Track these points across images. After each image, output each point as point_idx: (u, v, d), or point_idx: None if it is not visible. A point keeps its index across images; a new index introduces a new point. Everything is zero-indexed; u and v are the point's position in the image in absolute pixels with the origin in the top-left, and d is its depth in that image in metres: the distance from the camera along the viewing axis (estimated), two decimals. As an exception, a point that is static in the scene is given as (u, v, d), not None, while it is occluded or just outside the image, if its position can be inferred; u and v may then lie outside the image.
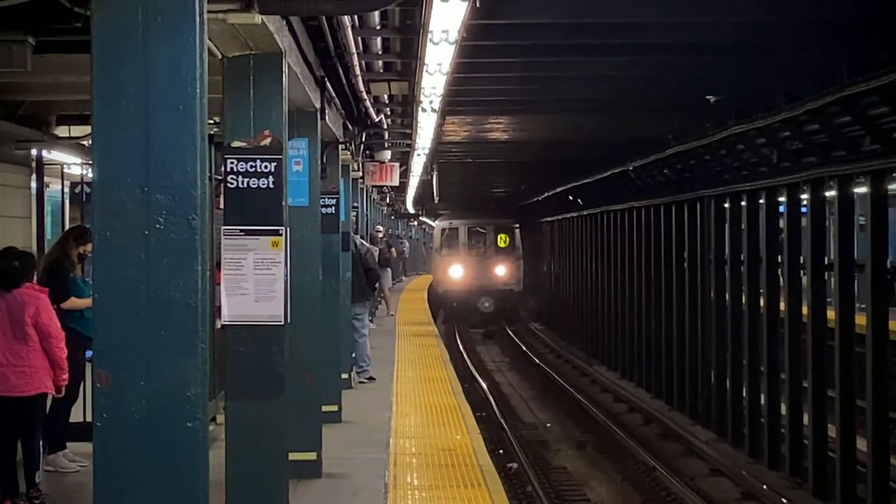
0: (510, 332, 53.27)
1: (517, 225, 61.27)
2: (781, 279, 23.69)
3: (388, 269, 36.80)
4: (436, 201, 54.01)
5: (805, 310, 22.12)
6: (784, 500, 20.65)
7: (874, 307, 19.26)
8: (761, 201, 24.53)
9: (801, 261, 22.73)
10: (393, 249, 48.26)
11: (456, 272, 58.29)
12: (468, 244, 59.81)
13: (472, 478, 13.34)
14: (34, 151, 14.45)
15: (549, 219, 57.59)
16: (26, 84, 11.37)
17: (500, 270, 58.59)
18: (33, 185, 14.80)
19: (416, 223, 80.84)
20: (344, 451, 14.17)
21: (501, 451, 24.80)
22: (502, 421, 28.91)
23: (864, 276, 19.97)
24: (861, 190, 20.75)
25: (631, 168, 32.14)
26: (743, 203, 25.61)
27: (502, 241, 60.11)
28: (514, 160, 36.51)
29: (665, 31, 15.82)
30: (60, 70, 9.79)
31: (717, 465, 24.29)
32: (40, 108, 13.52)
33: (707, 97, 21.17)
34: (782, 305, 23.57)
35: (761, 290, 24.55)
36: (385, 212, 55.44)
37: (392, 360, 24.46)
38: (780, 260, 23.84)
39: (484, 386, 32.99)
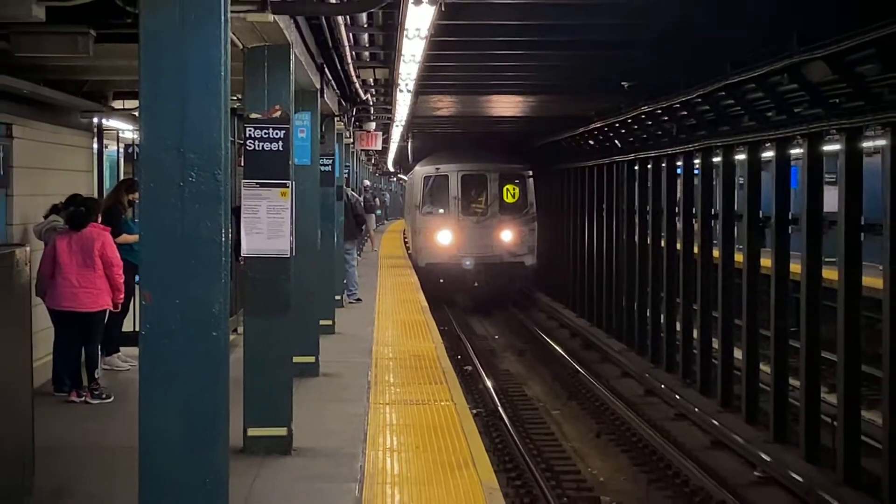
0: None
1: (530, 173, 35.32)
2: (678, 225, 23.82)
3: (373, 215, 36.65)
4: (410, 162, 43.99)
5: (696, 249, 22.15)
6: (677, 396, 20.84)
7: (749, 246, 19.46)
8: (663, 165, 24.64)
9: (694, 211, 22.91)
10: (377, 199, 48.19)
11: (444, 238, 33.72)
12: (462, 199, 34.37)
13: (436, 376, 13.41)
14: (95, 119, 14.39)
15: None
16: (89, 67, 11.30)
17: (507, 236, 33.83)
18: (94, 146, 14.77)
19: (395, 179, 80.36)
20: (336, 355, 14.23)
21: (459, 357, 24.95)
22: (461, 334, 29.07)
23: (742, 223, 20.12)
24: (740, 157, 20.89)
25: (562, 138, 32.14)
26: (649, 166, 25.71)
27: (509, 194, 34.51)
28: (472, 130, 36.18)
29: (590, 31, 15.79)
30: (115, 56, 9.72)
31: (626, 369, 24.50)
32: (100, 86, 13.45)
33: (622, 83, 21.24)
34: (678, 245, 23.69)
35: (662, 234, 24.67)
36: (371, 170, 54.84)
37: (375, 286, 24.49)
38: (677, 210, 23.99)
39: (445, 307, 33.02)
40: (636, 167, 26.87)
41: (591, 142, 29.96)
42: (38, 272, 10.86)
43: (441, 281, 33.13)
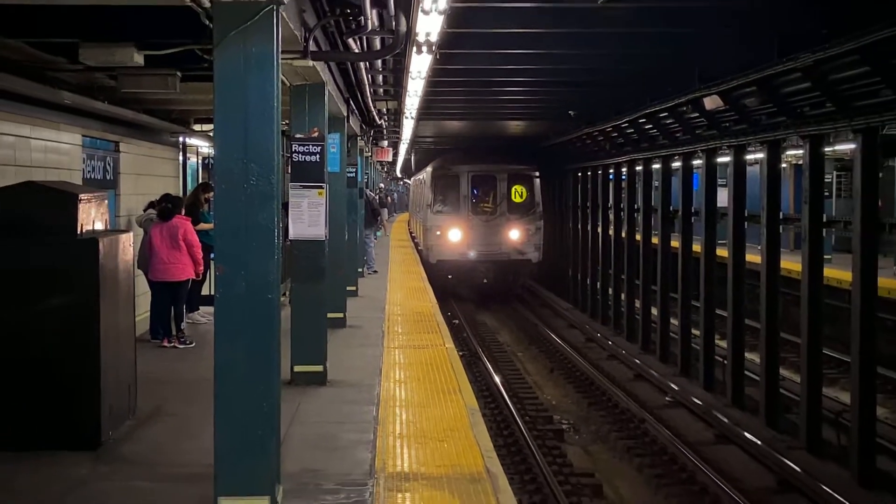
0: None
1: (537, 173, 28.27)
2: (611, 216, 23.75)
3: (385, 209, 36.58)
4: (413, 170, 41.43)
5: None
6: (609, 342, 20.91)
7: (662, 232, 19.44)
8: (599, 173, 24.53)
9: (622, 206, 22.85)
10: (389, 198, 47.96)
11: (455, 236, 27.46)
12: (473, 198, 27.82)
13: (432, 327, 13.43)
14: (180, 138, 14.35)
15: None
16: (176, 99, 11.28)
17: (515, 234, 27.31)
18: (180, 157, 14.73)
19: (401, 183, 79.91)
20: (359, 312, 14.24)
21: (449, 313, 24.92)
22: (450, 298, 29.07)
23: (657, 215, 20.07)
24: (656, 166, 20.85)
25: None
26: (589, 174, 25.65)
27: (517, 194, 27.83)
28: (458, 144, 35.91)
29: (549, 73, 15.79)
30: (196, 91, 9.71)
31: (572, 322, 24.54)
32: (184, 114, 13.41)
33: (569, 112, 21.22)
34: (611, 231, 23.61)
35: (598, 223, 24.62)
36: (383, 176, 54.63)
37: (387, 262, 24.46)
38: (610, 206, 23.89)
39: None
40: (579, 174, 26.88)
41: (547, 155, 29.84)
42: (138, 252, 10.86)
43: (450, 277, 27.57)
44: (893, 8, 9.68)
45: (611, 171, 23.64)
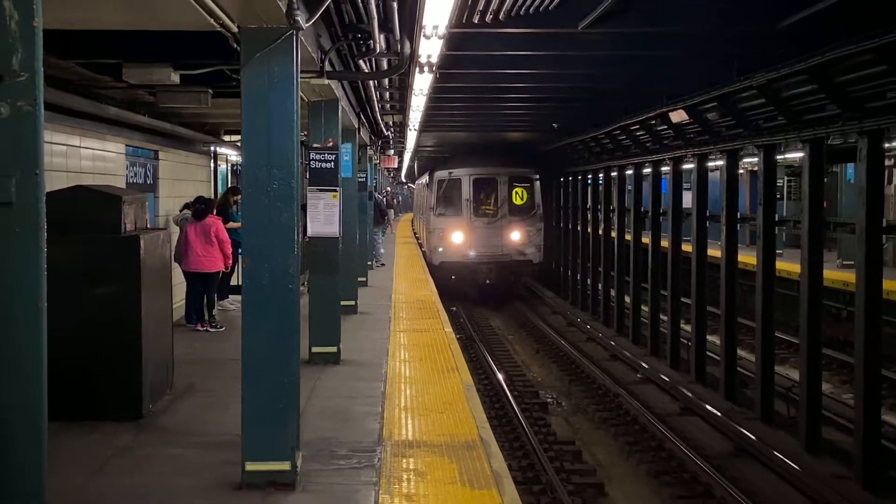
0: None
1: (537, 176, 26.07)
2: (588, 216, 23.67)
3: (391, 209, 36.59)
4: (416, 174, 39.74)
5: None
6: (588, 326, 20.90)
7: (634, 230, 19.43)
8: (579, 178, 24.45)
9: (599, 207, 22.76)
10: (395, 199, 47.95)
11: (457, 238, 24.96)
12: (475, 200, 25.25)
13: (432, 313, 13.46)
14: (212, 148, 14.37)
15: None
16: (208, 113, 11.28)
17: (516, 235, 25.08)
18: (211, 164, 14.74)
19: (406, 186, 79.53)
20: (368, 300, 14.26)
21: (449, 304, 24.87)
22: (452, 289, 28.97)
23: (629, 215, 20.04)
24: (629, 172, 20.78)
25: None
26: (570, 179, 25.54)
27: (518, 196, 25.56)
28: (457, 152, 35.63)
29: (533, 91, 15.74)
30: (225, 106, 9.70)
31: (555, 309, 24.51)
32: (215, 126, 13.42)
33: (553, 124, 21.17)
34: (589, 229, 23.51)
35: (579, 221, 24.55)
36: (390, 180, 54.53)
37: (393, 255, 24.49)
38: (588, 207, 23.80)
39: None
40: (562, 179, 26.83)
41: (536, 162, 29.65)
42: (175, 247, 10.87)
43: (453, 278, 24.84)
44: (836, 33, 9.72)
45: (590, 176, 23.60)
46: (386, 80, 12.71)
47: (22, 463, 1.94)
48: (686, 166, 16.79)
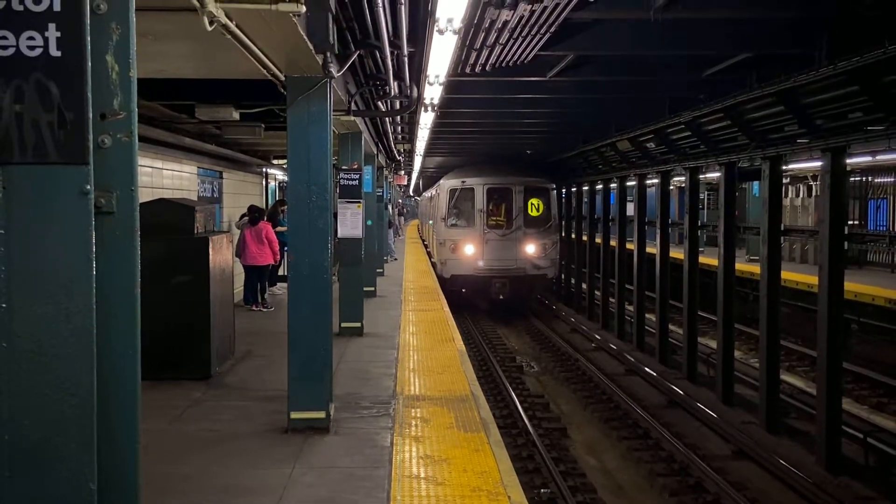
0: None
1: (553, 186, 19.60)
2: (573, 224, 23.42)
3: (402, 217, 36.38)
4: (421, 191, 37.43)
5: (584, 237, 19.44)
6: (554, 307, 20.82)
7: (604, 234, 18.78)
8: (564, 190, 22.45)
9: (585, 217, 21.56)
10: (405, 209, 47.73)
11: (469, 251, 18.56)
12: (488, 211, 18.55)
13: (435, 297, 13.42)
14: (264, 169, 14.32)
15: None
16: (261, 142, 11.26)
17: (531, 249, 18.58)
18: (263, 182, 14.70)
19: (413, 199, 78.99)
20: (385, 287, 14.21)
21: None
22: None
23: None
24: (598, 186, 20.44)
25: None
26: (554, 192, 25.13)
27: (534, 208, 18.82)
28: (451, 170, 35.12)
29: (511, 126, 15.62)
30: (274, 137, 9.69)
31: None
32: (266, 152, 13.38)
33: (527, 151, 20.88)
34: (573, 235, 22.25)
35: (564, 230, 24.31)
36: (401, 194, 54.21)
37: (404, 252, 24.44)
38: (573, 215, 23.22)
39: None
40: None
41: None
42: (236, 245, 10.84)
43: (464, 291, 18.97)
44: (744, 82, 9.77)
45: (573, 189, 21.65)
46: (398, 117, 12.73)
47: (121, 416, 1.95)
48: (629, 183, 16.76)
